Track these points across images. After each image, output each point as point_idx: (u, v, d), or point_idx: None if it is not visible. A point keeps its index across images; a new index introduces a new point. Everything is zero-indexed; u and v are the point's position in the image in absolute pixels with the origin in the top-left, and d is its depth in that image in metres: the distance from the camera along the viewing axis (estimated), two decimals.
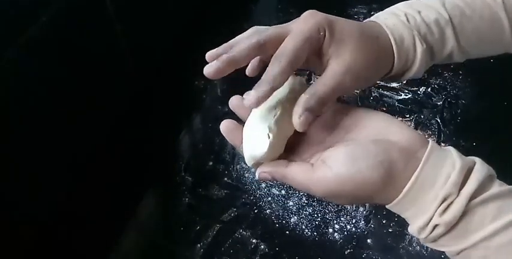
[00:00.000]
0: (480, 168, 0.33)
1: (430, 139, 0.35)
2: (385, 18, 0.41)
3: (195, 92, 1.12)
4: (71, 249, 0.76)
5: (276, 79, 0.36)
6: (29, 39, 0.57)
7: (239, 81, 0.43)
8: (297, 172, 0.36)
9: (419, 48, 0.40)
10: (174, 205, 0.96)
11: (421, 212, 0.33)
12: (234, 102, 0.41)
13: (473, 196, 0.32)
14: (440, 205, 0.32)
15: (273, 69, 0.36)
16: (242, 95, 0.42)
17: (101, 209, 0.82)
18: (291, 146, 0.39)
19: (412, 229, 0.34)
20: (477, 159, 0.34)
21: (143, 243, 0.92)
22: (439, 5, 0.41)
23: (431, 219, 0.32)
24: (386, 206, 0.35)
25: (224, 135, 0.40)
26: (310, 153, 0.38)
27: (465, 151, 0.34)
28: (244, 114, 0.40)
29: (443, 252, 0.35)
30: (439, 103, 1.09)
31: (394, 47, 0.39)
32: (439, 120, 1.06)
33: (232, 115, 0.42)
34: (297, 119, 0.36)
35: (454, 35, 0.41)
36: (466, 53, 0.42)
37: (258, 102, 0.36)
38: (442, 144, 1.02)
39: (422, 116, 1.07)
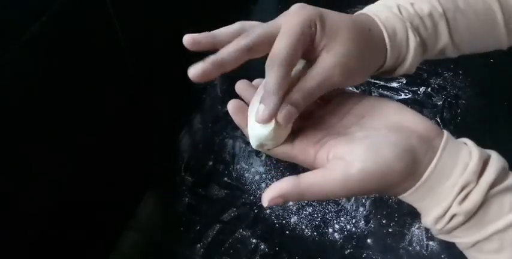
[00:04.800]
0: (497, 159, 0.32)
1: (444, 130, 0.34)
2: (376, 11, 0.40)
3: (195, 92, 1.12)
4: (71, 249, 0.76)
5: (280, 87, 0.34)
6: (29, 39, 0.57)
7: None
8: (314, 181, 0.33)
9: (413, 41, 0.38)
10: (174, 205, 0.96)
11: (438, 201, 0.32)
12: (240, 86, 0.40)
13: (492, 186, 0.31)
14: (460, 193, 0.31)
15: (272, 77, 0.34)
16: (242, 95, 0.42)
17: (101, 209, 0.82)
18: (299, 129, 0.38)
19: (427, 220, 0.33)
20: (492, 152, 0.33)
21: (143, 243, 0.92)
22: None
23: (449, 208, 0.31)
24: (400, 196, 0.34)
25: (231, 115, 0.38)
26: (319, 137, 0.37)
27: None
28: (250, 96, 0.39)
29: (444, 252, 0.35)
30: (439, 103, 1.09)
31: (386, 41, 0.38)
32: (439, 120, 1.06)
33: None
34: (280, 113, 0.34)
35: (448, 30, 0.39)
36: (459, 48, 0.41)
37: (271, 116, 0.34)
38: None
39: None
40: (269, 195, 0.33)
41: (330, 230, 0.90)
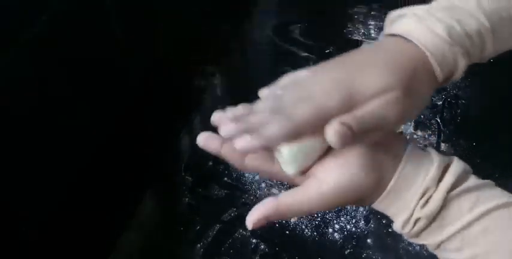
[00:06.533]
0: (457, 164, 0.34)
1: (409, 141, 0.37)
2: (424, 36, 0.36)
3: (195, 92, 1.12)
4: (71, 249, 0.76)
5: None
6: (29, 39, 0.57)
7: (239, 80, 0.43)
8: (291, 201, 0.35)
9: (461, 62, 0.37)
10: (174, 205, 0.96)
11: (404, 207, 0.34)
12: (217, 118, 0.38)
13: (451, 189, 0.33)
14: (421, 199, 0.33)
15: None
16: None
17: (101, 209, 0.82)
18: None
19: (396, 225, 0.35)
20: (454, 157, 0.35)
21: (143, 243, 0.92)
22: (477, 9, 0.38)
23: (413, 212, 0.34)
24: (372, 205, 0.36)
25: (220, 153, 0.37)
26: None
27: (465, 151, 0.35)
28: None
29: None
30: (439, 103, 1.09)
31: (437, 71, 0.37)
32: (439, 120, 1.06)
33: None
34: (330, 130, 0.31)
35: (493, 43, 0.39)
36: (496, 52, 0.42)
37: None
38: (442, 144, 1.02)
39: (422, 116, 1.07)
40: (252, 219, 0.36)
41: (330, 230, 0.90)
